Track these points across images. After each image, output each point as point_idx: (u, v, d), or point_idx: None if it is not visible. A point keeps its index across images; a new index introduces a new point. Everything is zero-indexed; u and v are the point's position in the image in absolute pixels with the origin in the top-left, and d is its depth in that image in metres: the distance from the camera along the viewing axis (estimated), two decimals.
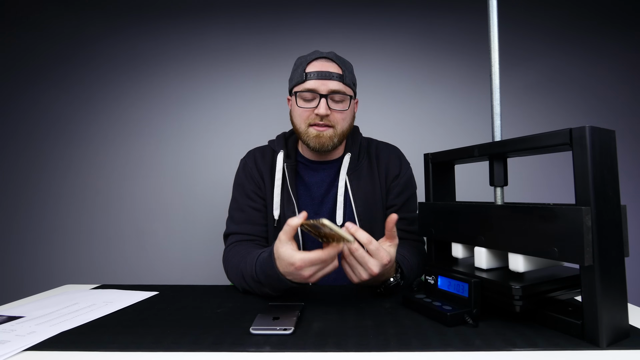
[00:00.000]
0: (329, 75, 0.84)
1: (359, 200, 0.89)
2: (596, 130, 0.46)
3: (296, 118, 0.88)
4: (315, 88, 0.83)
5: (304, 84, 0.84)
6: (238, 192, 0.94)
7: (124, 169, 1.62)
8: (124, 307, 0.67)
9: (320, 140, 0.86)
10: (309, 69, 0.85)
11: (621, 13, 1.59)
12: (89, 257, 1.61)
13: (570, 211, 0.45)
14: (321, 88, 0.83)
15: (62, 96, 1.64)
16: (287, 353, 0.46)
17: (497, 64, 0.63)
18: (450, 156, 0.69)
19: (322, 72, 0.84)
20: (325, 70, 0.84)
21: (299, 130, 0.88)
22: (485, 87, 1.57)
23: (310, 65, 0.86)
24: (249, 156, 0.98)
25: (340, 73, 0.85)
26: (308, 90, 0.84)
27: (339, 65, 0.86)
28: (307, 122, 0.86)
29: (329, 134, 0.86)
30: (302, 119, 0.87)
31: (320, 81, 0.83)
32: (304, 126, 0.87)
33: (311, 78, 0.84)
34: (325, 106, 0.83)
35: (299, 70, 0.86)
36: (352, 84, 0.88)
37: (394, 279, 0.70)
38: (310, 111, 0.85)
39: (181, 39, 1.63)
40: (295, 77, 0.87)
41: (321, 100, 0.83)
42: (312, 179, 0.93)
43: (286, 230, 0.60)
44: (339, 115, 0.86)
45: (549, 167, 1.55)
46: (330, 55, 0.87)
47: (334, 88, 0.84)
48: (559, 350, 0.45)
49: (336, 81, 0.84)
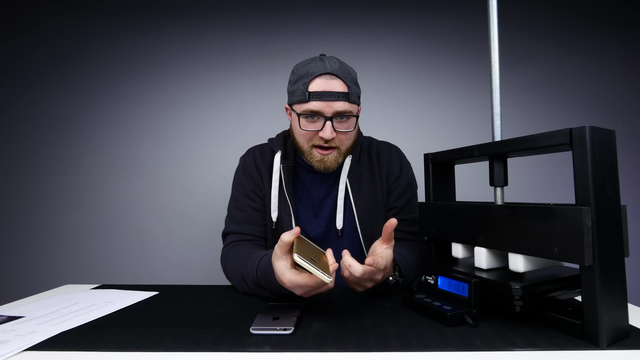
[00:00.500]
0: (334, 96, 0.77)
1: (360, 203, 0.88)
2: (596, 130, 0.46)
3: (298, 137, 0.84)
4: (319, 110, 0.78)
5: (307, 104, 0.78)
6: (237, 191, 0.93)
7: (124, 169, 1.62)
8: (124, 307, 0.67)
9: (325, 164, 0.83)
10: (312, 87, 0.78)
11: (621, 13, 1.59)
12: (89, 257, 1.61)
13: (570, 211, 0.45)
14: (326, 110, 0.78)
15: (62, 96, 1.64)
16: (287, 353, 0.46)
17: (497, 64, 0.63)
18: (450, 156, 0.69)
19: (326, 92, 0.77)
20: (330, 90, 0.77)
21: (301, 148, 0.85)
22: (485, 87, 1.57)
23: (313, 84, 0.78)
24: (248, 155, 0.96)
25: (346, 91, 0.79)
26: (311, 113, 0.79)
27: (344, 82, 0.79)
28: (310, 143, 0.83)
29: (334, 156, 0.83)
30: (305, 140, 0.83)
31: (325, 103, 0.77)
32: (306, 146, 0.84)
33: (315, 99, 0.77)
34: (330, 129, 0.78)
35: (300, 87, 0.80)
36: (357, 99, 0.83)
37: (393, 277, 0.70)
38: (313, 133, 0.81)
39: (181, 39, 1.63)
40: (296, 94, 0.80)
41: (326, 124, 0.78)
42: (312, 181, 0.92)
43: (280, 245, 0.57)
44: (344, 136, 0.82)
45: (549, 167, 1.55)
46: (334, 69, 0.79)
47: (339, 110, 0.78)
48: (559, 350, 0.45)
49: (342, 102, 0.78)
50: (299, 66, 0.83)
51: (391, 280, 0.70)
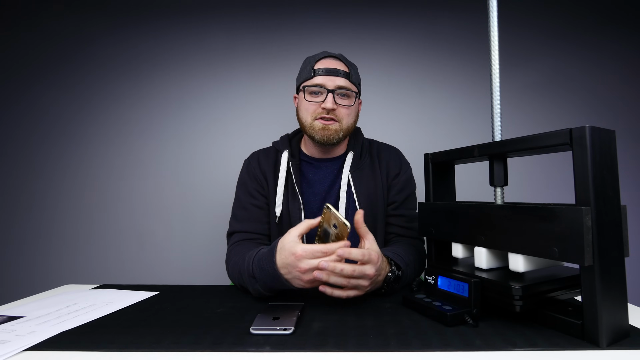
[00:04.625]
0: (336, 72, 0.87)
1: (362, 196, 0.91)
2: (596, 130, 0.46)
3: (303, 112, 0.91)
4: (322, 83, 0.87)
5: (312, 79, 0.88)
6: (241, 191, 0.95)
7: (124, 169, 1.62)
8: (124, 307, 0.67)
9: (326, 132, 0.88)
10: (317, 65, 0.89)
11: (621, 13, 1.59)
12: (89, 257, 1.61)
13: (570, 211, 0.45)
14: (328, 83, 0.87)
15: (62, 96, 1.63)
16: (287, 353, 0.46)
17: (497, 64, 0.63)
18: (450, 156, 0.69)
19: (330, 68, 0.87)
20: (333, 67, 0.88)
21: (304, 124, 0.90)
22: (485, 87, 1.57)
23: (319, 63, 0.89)
24: (252, 157, 1.00)
25: (347, 71, 0.89)
26: (316, 85, 0.87)
27: (345, 64, 0.90)
28: (313, 116, 0.89)
29: (335, 127, 0.88)
30: (309, 113, 0.89)
31: (328, 77, 0.87)
32: (310, 119, 0.89)
33: (319, 74, 0.87)
34: (332, 100, 0.86)
35: (307, 68, 0.90)
36: (357, 83, 0.92)
37: (391, 272, 0.71)
38: (317, 105, 0.88)
39: (181, 39, 1.63)
40: (303, 74, 0.91)
41: (328, 95, 0.86)
42: (315, 176, 0.95)
43: (300, 225, 0.65)
44: (345, 110, 0.89)
45: (549, 167, 1.55)
46: (338, 55, 0.92)
47: (340, 84, 0.87)
48: (559, 350, 0.45)
49: (343, 78, 0.88)
50: (307, 58, 0.94)
51: (390, 276, 0.70)
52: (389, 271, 0.71)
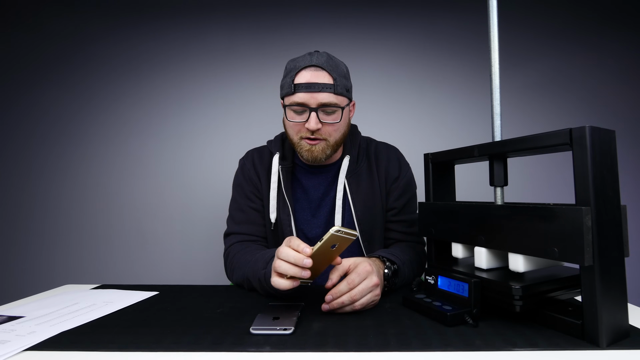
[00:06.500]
0: (318, 87, 0.78)
1: (359, 203, 0.88)
2: (596, 130, 0.46)
3: (288, 129, 0.86)
4: (304, 102, 0.79)
5: (293, 96, 0.80)
6: (237, 193, 0.95)
7: (124, 169, 1.62)
8: (124, 307, 0.67)
9: (313, 153, 0.83)
10: (297, 79, 0.80)
11: (621, 13, 1.59)
12: (89, 257, 1.61)
13: (570, 211, 0.45)
14: (310, 101, 0.79)
15: (62, 96, 1.64)
16: (287, 353, 0.46)
17: (497, 64, 0.63)
18: (450, 156, 0.69)
19: (311, 83, 0.78)
20: (315, 81, 0.78)
21: (291, 140, 0.86)
22: (485, 87, 1.57)
23: (299, 76, 0.80)
24: (247, 157, 0.97)
25: (331, 83, 0.79)
26: (297, 104, 0.80)
27: (329, 74, 0.80)
28: (299, 135, 0.83)
29: (321, 147, 0.83)
30: (294, 132, 0.84)
31: (310, 94, 0.78)
32: (296, 138, 0.84)
33: (300, 90, 0.79)
34: (315, 120, 0.79)
35: (287, 80, 0.82)
36: (345, 91, 0.82)
37: (387, 268, 0.71)
38: (301, 125, 0.82)
39: (181, 39, 1.63)
40: (284, 87, 0.83)
41: (311, 115, 0.79)
42: (310, 182, 0.92)
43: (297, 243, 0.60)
44: (331, 127, 0.82)
45: (549, 167, 1.55)
46: (320, 62, 0.80)
47: (324, 101, 0.79)
48: (559, 350, 0.45)
49: (326, 93, 0.79)
50: (290, 61, 0.85)
51: (388, 273, 0.70)
52: (385, 267, 0.71)
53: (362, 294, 0.59)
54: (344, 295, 0.59)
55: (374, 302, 0.62)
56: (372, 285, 0.61)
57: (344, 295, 0.59)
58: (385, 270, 0.70)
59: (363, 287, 0.60)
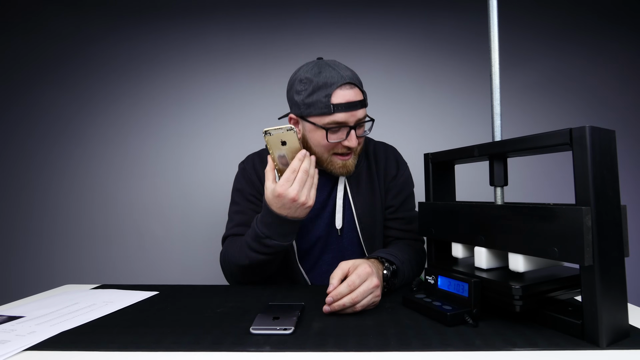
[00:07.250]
0: (356, 105, 0.79)
1: (359, 203, 0.90)
2: (596, 130, 0.46)
3: (317, 147, 0.83)
4: (344, 121, 0.78)
5: (332, 116, 0.78)
6: (238, 196, 0.94)
7: (124, 169, 1.62)
8: (124, 307, 0.67)
9: (347, 168, 0.85)
10: (335, 99, 0.77)
11: (621, 13, 1.59)
12: (89, 257, 1.61)
13: (570, 211, 0.45)
14: (350, 120, 0.79)
15: (62, 96, 1.63)
16: (287, 353, 0.46)
17: (497, 64, 0.63)
18: (450, 156, 0.69)
19: (350, 103, 0.78)
20: (352, 100, 0.78)
21: (319, 157, 0.84)
22: (485, 87, 1.57)
23: (337, 95, 0.78)
24: (247, 161, 0.98)
25: (362, 99, 0.81)
26: (337, 124, 0.79)
27: (359, 88, 0.81)
28: (330, 152, 0.83)
29: (352, 159, 0.85)
30: (325, 149, 0.83)
31: (350, 113, 0.78)
32: (326, 155, 0.84)
33: (340, 110, 0.77)
34: (355, 138, 0.81)
35: (321, 99, 0.78)
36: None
37: (386, 269, 0.71)
38: (336, 142, 0.81)
39: (181, 39, 1.63)
40: (317, 106, 0.78)
41: (351, 133, 0.80)
42: None
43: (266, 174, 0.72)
44: (361, 139, 0.85)
45: (549, 167, 1.55)
46: (350, 77, 0.79)
47: (360, 117, 0.81)
48: (559, 350, 0.45)
49: (362, 109, 0.80)
50: (310, 76, 0.80)
51: (387, 273, 0.70)
52: (384, 268, 0.71)
53: (363, 296, 0.59)
54: (345, 297, 0.59)
55: (374, 303, 0.62)
56: (372, 286, 0.60)
57: (345, 297, 0.59)
58: (384, 271, 0.70)
59: (364, 289, 0.60)
